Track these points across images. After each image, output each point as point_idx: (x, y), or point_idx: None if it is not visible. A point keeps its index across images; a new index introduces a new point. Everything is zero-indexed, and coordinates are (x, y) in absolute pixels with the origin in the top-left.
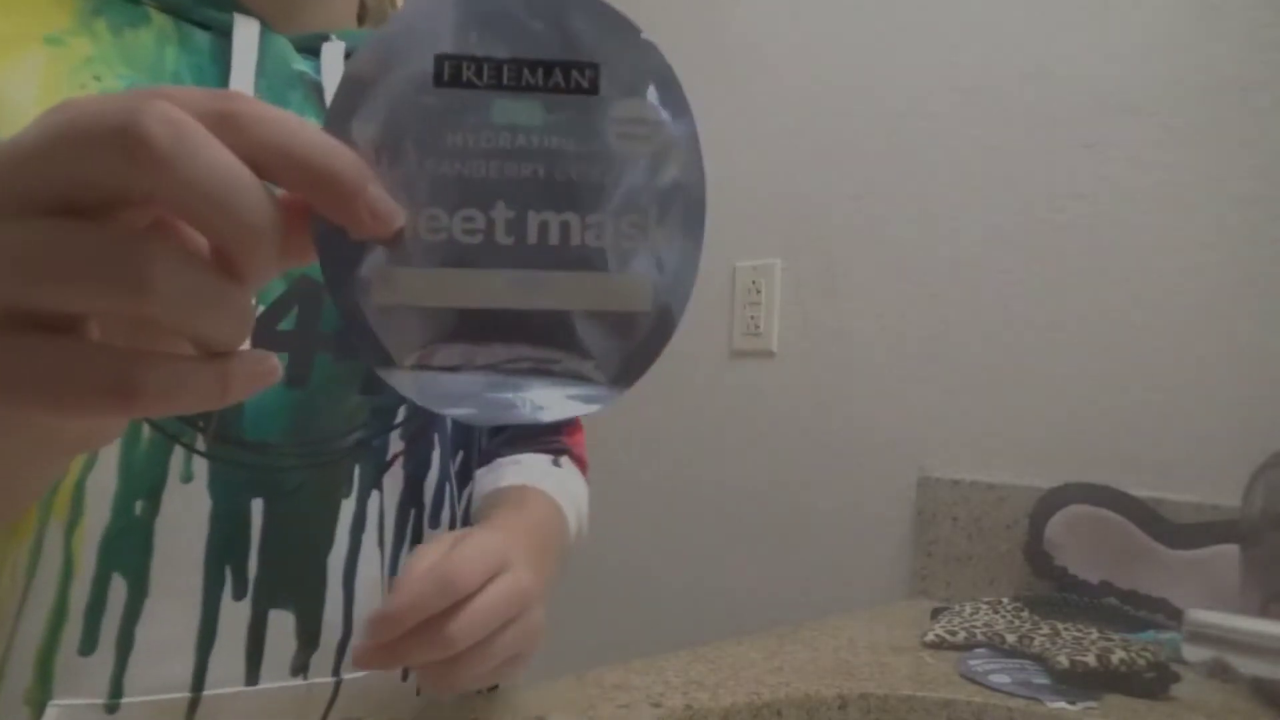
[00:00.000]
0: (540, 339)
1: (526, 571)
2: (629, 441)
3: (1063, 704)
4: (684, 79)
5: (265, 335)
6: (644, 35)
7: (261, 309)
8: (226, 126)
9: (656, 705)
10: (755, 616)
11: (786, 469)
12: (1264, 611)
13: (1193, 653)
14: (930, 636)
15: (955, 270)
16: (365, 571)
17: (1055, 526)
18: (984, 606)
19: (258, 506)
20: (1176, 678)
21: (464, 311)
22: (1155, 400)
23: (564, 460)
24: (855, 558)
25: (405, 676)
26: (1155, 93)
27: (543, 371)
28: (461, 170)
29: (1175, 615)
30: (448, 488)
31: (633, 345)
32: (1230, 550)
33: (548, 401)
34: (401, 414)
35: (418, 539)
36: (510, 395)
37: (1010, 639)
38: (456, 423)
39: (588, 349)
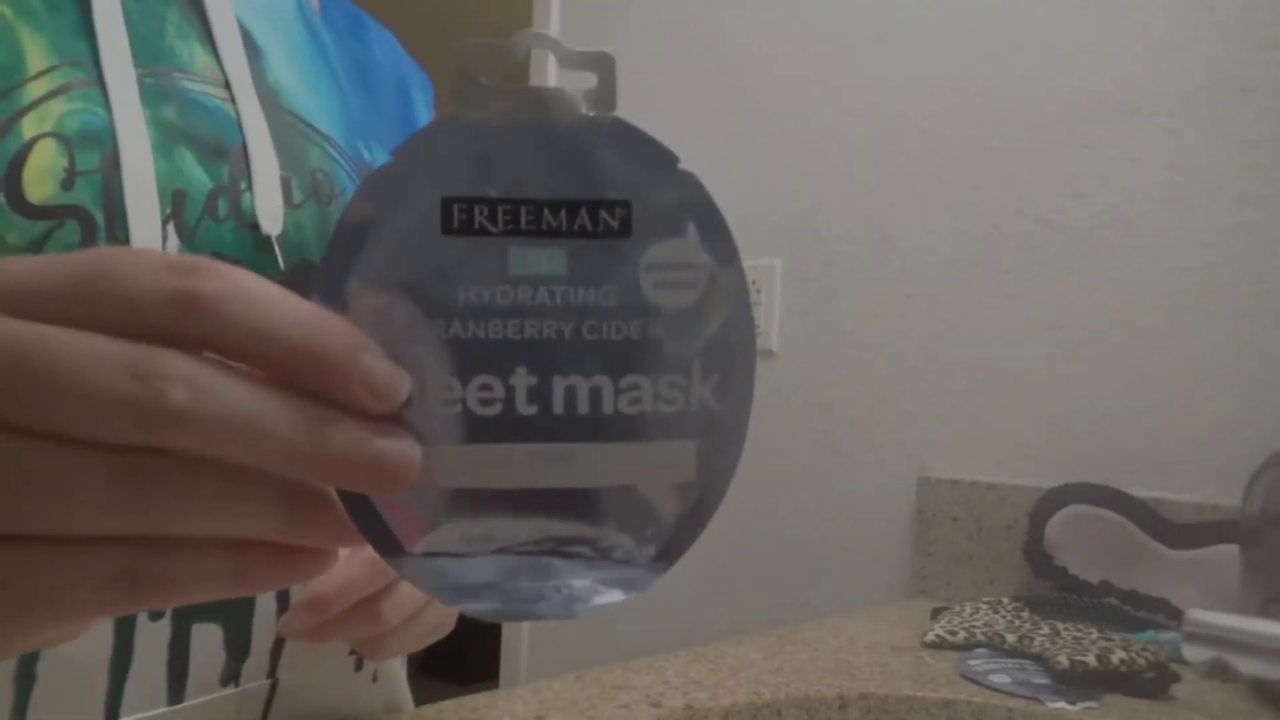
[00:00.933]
0: (569, 516)
1: None
2: None
3: (1063, 704)
4: (684, 79)
5: None
6: (681, 165)
7: None
8: (190, 315)
9: (656, 705)
10: (755, 616)
11: (786, 469)
12: (1264, 611)
13: (1193, 653)
14: (930, 636)
15: (955, 270)
16: None
17: (1055, 526)
18: (984, 606)
19: None
20: (1176, 678)
21: (480, 491)
22: (1155, 400)
23: None
24: (855, 558)
25: (359, 666)
26: (1155, 93)
27: (572, 554)
28: (476, 331)
29: (1175, 615)
30: None
31: (676, 521)
32: (1230, 550)
33: (580, 589)
34: None
35: None
36: (536, 584)
37: (1010, 639)
38: None
39: (624, 527)
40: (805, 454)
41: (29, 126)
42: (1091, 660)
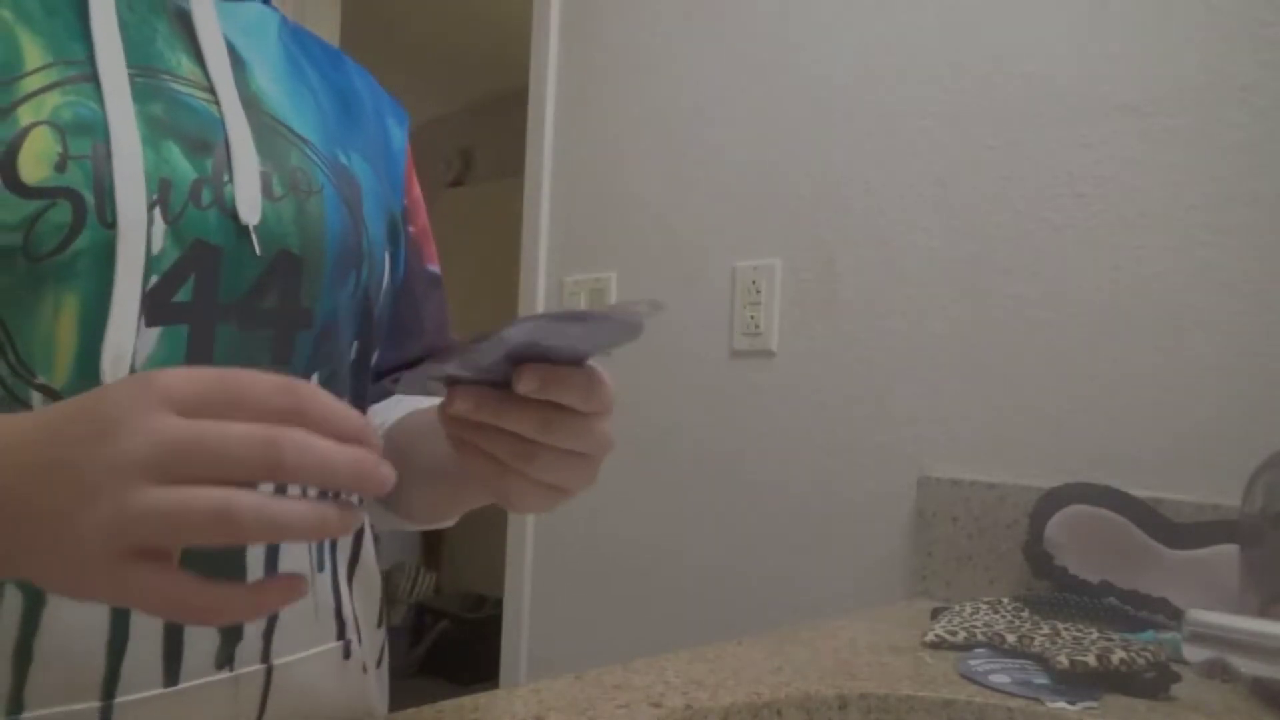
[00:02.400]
0: None
1: None
2: (629, 442)
3: (1063, 704)
4: (686, 80)
5: (160, 310)
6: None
7: (156, 279)
8: (272, 450)
9: (656, 705)
10: (755, 616)
11: (786, 469)
12: (1264, 611)
13: (1193, 653)
14: (930, 636)
15: (955, 270)
16: (290, 551)
17: (1055, 526)
18: (984, 606)
19: None
20: (1176, 678)
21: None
22: (1155, 400)
23: None
24: (855, 558)
25: (348, 654)
26: (1155, 93)
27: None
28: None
29: (1175, 615)
30: None
31: None
32: (1230, 550)
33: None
34: (314, 381)
35: None
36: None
37: (1010, 639)
38: (356, 382)
39: None
40: (805, 454)
41: (25, 115)
42: (1091, 660)
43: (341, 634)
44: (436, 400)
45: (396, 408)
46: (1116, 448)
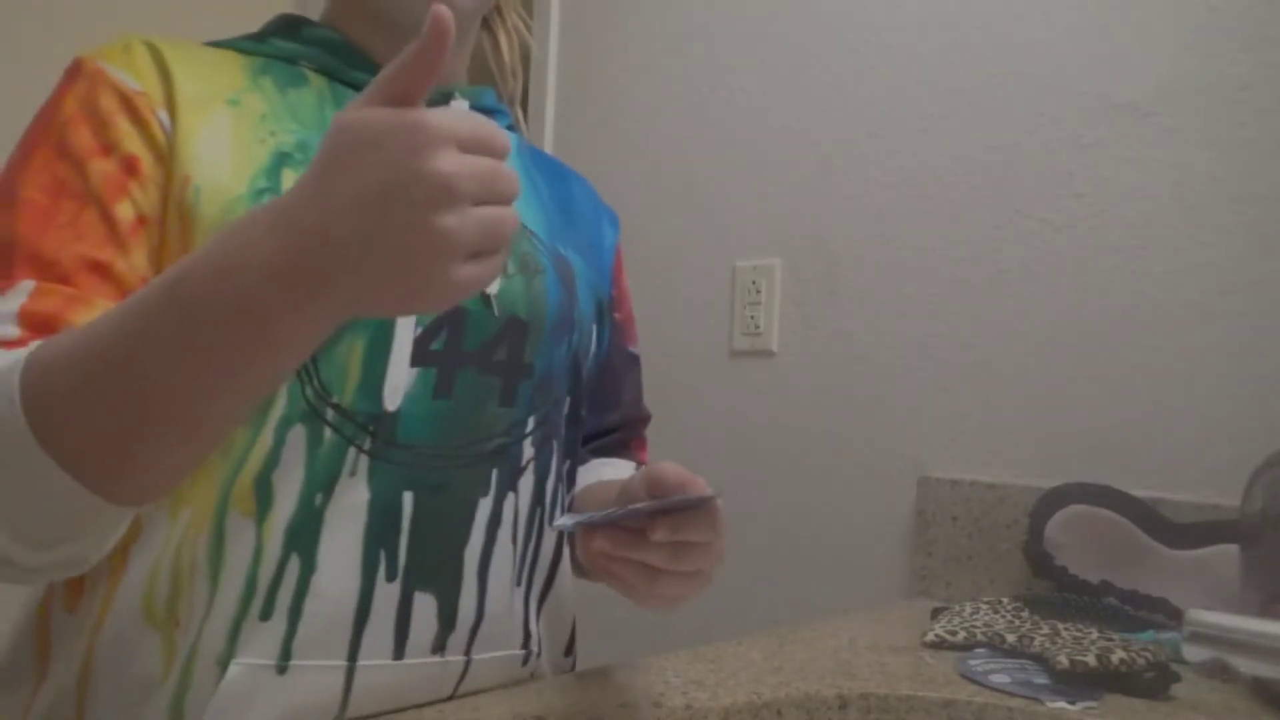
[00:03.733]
0: None
1: None
2: None
3: (1063, 704)
4: (684, 79)
5: (420, 354)
6: None
7: (419, 330)
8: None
9: (656, 705)
10: (755, 616)
11: (786, 469)
12: (1264, 611)
13: (1193, 653)
14: (930, 636)
15: (955, 270)
16: (498, 564)
17: (1055, 526)
18: (984, 606)
19: (408, 499)
20: (1176, 678)
21: None
22: (1155, 400)
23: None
24: (855, 558)
25: (525, 662)
26: (1155, 93)
27: None
28: None
29: (1175, 615)
30: (561, 489)
31: None
32: (1230, 550)
33: None
34: (531, 424)
35: (541, 535)
36: None
37: (1010, 639)
38: (568, 431)
39: None
40: (805, 454)
41: None
42: (1091, 660)
43: (525, 644)
44: (620, 470)
45: (589, 474)
46: (1116, 448)
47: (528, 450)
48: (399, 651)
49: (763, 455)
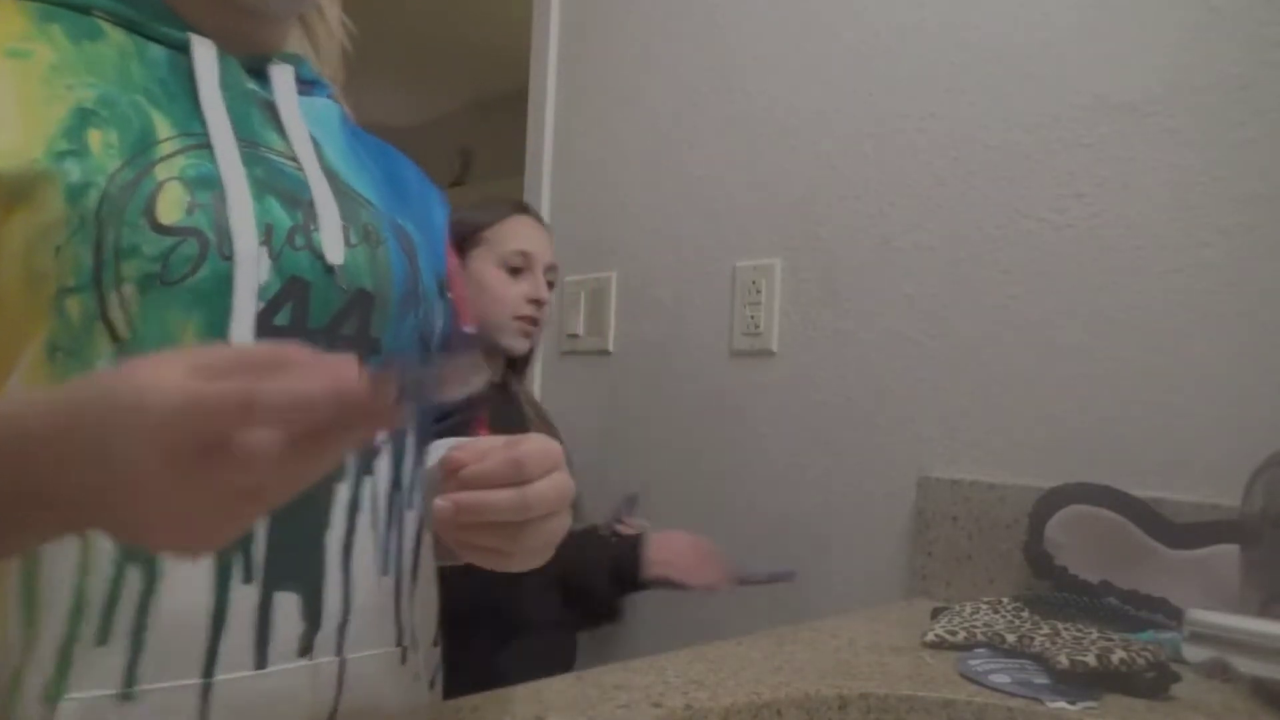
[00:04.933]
0: None
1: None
2: (629, 441)
3: (1063, 704)
4: (684, 79)
5: (264, 330)
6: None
7: (261, 305)
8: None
9: (656, 705)
10: (755, 616)
11: (786, 469)
12: (1264, 611)
13: (1193, 653)
14: (930, 636)
15: (955, 270)
16: (360, 552)
17: (1055, 526)
18: (984, 607)
19: None
20: (1176, 678)
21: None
22: (1155, 400)
23: None
24: (855, 558)
25: (404, 659)
26: (1155, 93)
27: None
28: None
29: (1175, 615)
30: (419, 471)
31: None
32: (1230, 550)
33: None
34: None
35: (402, 520)
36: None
37: (1010, 639)
38: (422, 412)
39: None
40: (805, 454)
41: (160, 173)
42: (1091, 660)
43: (400, 640)
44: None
45: (434, 455)
46: (1116, 448)
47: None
48: (261, 659)
49: (763, 455)
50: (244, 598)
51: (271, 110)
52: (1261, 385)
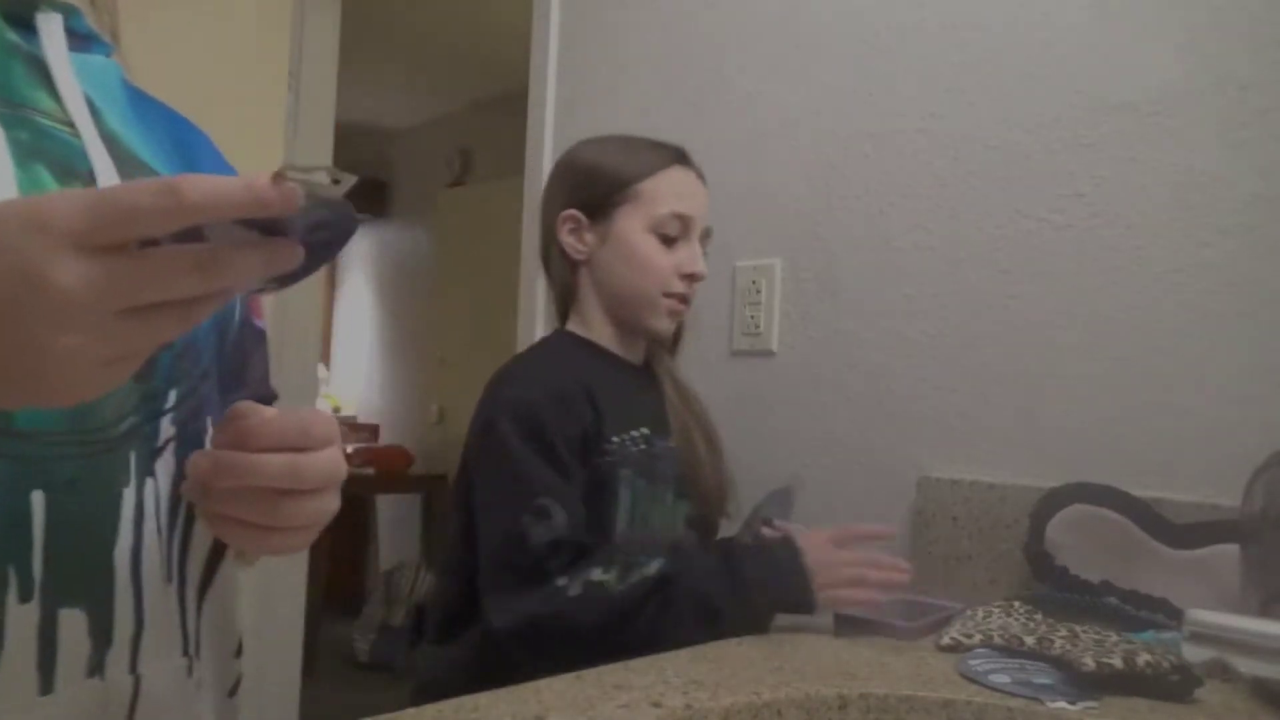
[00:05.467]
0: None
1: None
2: None
3: (1063, 704)
4: (686, 79)
5: None
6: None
7: None
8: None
9: (656, 705)
10: None
11: (786, 469)
12: (1264, 611)
13: (1193, 653)
14: (946, 640)
15: (955, 270)
16: (149, 562)
17: (1056, 526)
18: (996, 610)
19: (38, 500)
20: (1200, 681)
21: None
22: (1155, 400)
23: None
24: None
25: (190, 671)
26: (1155, 93)
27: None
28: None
29: (1175, 615)
30: None
31: None
32: (1230, 550)
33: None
34: (173, 398)
35: (189, 525)
36: None
37: (1029, 641)
38: (224, 406)
39: None
40: (805, 454)
41: None
42: (1118, 663)
43: (185, 649)
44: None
45: None
46: (1116, 448)
47: (166, 429)
48: (47, 683)
49: (763, 455)
50: (21, 618)
51: (39, 67)
52: (1261, 385)
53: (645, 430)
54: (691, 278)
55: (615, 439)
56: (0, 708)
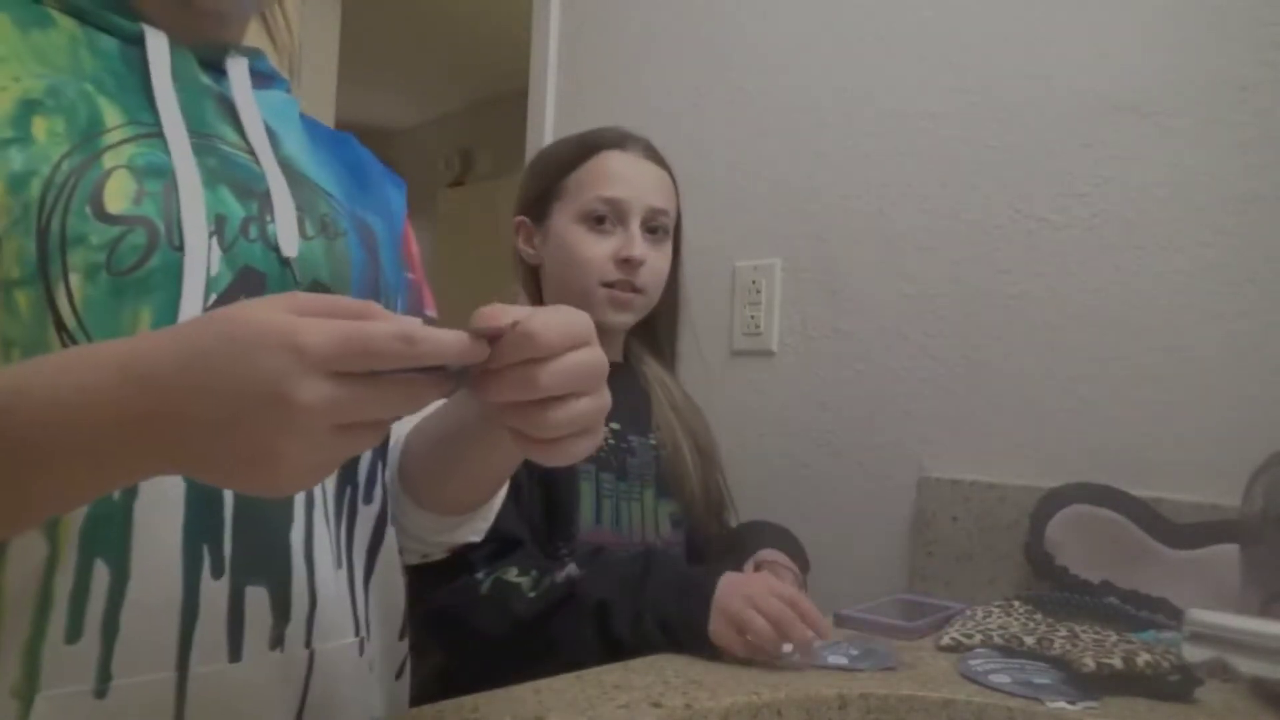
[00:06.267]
0: None
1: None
2: None
3: (1063, 704)
4: (684, 79)
5: None
6: None
7: (213, 297)
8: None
9: (656, 705)
10: None
11: (786, 469)
12: (1264, 611)
13: (1193, 653)
14: (946, 640)
15: (955, 270)
16: (319, 546)
17: (1056, 526)
18: (995, 610)
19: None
20: (1200, 681)
21: None
22: (1155, 400)
23: None
24: (855, 558)
25: (361, 650)
26: (1155, 93)
27: None
28: None
29: (1175, 615)
30: (379, 466)
31: None
32: (1230, 550)
33: None
34: None
35: (353, 516)
36: None
37: (1029, 641)
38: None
39: None
40: (805, 454)
41: (108, 160)
42: (1118, 663)
43: (357, 631)
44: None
45: (406, 423)
46: (1116, 448)
47: None
48: (235, 651)
49: (763, 455)
50: (214, 592)
51: (226, 104)
52: (1261, 385)
53: (615, 425)
54: (629, 262)
55: None
56: (197, 670)
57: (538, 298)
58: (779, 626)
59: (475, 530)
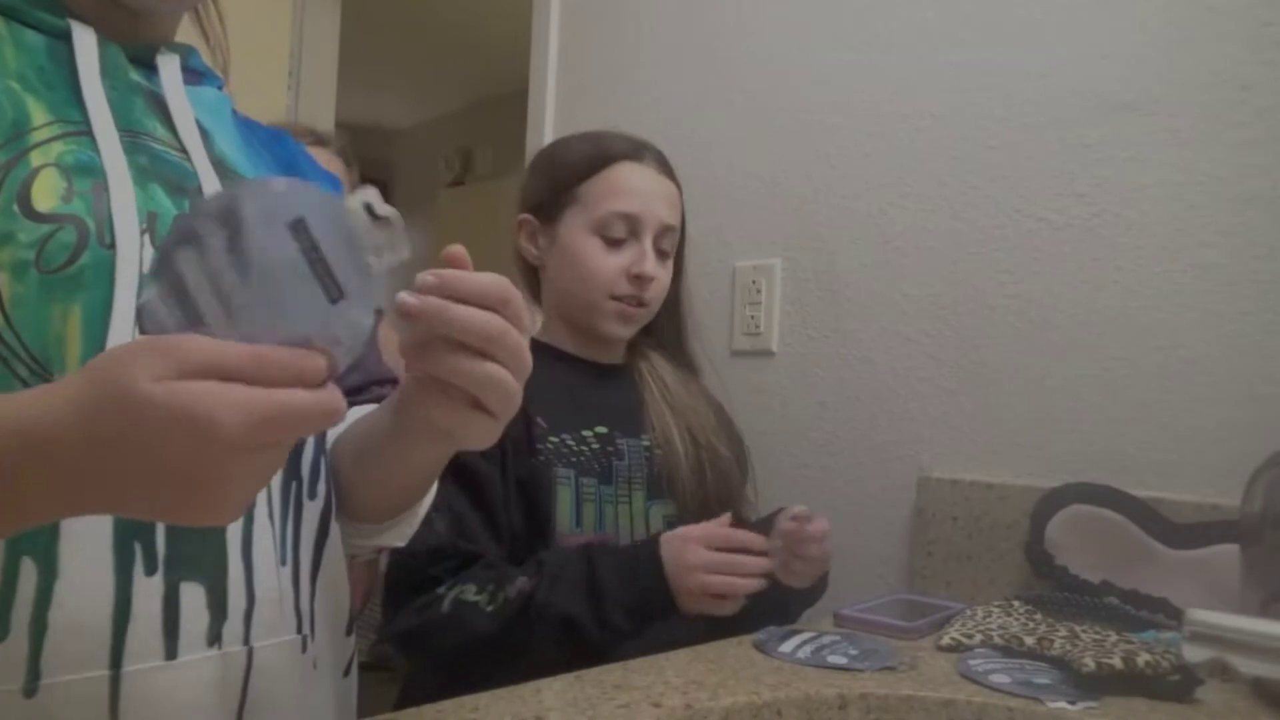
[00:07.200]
0: None
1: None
2: None
3: (1063, 704)
4: (684, 79)
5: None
6: None
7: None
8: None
9: (656, 705)
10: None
11: (786, 469)
12: (1264, 611)
13: (1193, 653)
14: (945, 640)
15: (955, 270)
16: (260, 543)
17: (1056, 526)
18: (995, 610)
19: None
20: (1200, 681)
21: None
22: (1155, 400)
23: None
24: (855, 558)
25: (304, 648)
26: (1155, 93)
27: None
28: None
29: (1175, 615)
30: (323, 461)
31: None
32: (1230, 550)
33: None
34: None
35: (299, 511)
36: None
37: (1029, 641)
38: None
39: None
40: (805, 454)
41: (35, 159)
42: (1118, 663)
43: (299, 628)
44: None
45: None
46: (1116, 448)
47: None
48: (171, 649)
49: (763, 455)
50: (148, 590)
51: (157, 101)
52: (1261, 385)
53: (602, 429)
54: (640, 279)
55: (554, 439)
56: (132, 668)
57: (536, 296)
58: (734, 570)
59: (400, 535)
